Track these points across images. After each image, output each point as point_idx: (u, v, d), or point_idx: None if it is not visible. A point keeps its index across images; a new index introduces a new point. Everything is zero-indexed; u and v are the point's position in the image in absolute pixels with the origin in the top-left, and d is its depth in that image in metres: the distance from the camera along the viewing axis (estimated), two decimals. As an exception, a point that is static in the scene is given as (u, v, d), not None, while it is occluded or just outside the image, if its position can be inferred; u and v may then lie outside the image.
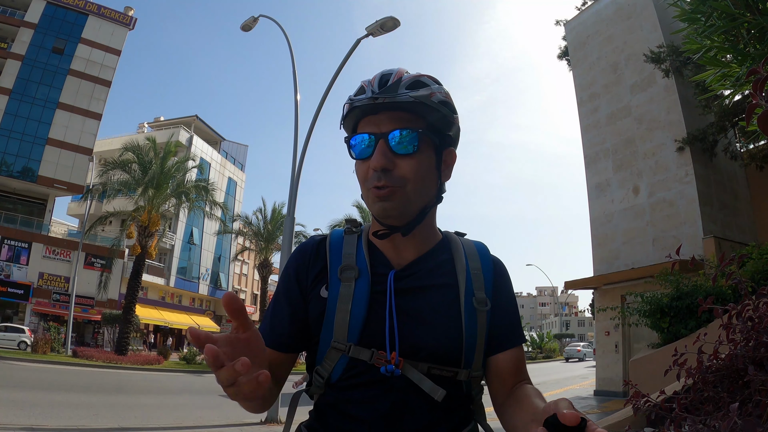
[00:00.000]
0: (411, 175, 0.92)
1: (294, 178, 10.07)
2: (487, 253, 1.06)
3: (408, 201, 0.93)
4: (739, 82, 3.89)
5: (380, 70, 0.99)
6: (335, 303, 0.93)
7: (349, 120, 0.97)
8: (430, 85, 0.95)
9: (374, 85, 0.93)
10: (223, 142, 45.85)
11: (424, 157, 0.94)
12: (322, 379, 0.94)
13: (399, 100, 0.90)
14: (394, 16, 9.53)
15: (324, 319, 0.94)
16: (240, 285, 45.77)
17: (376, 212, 0.94)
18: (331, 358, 0.93)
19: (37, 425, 6.39)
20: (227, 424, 7.81)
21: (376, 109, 0.92)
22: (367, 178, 0.93)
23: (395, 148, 0.92)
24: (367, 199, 0.95)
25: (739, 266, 1.92)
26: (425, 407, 0.90)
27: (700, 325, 5.96)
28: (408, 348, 0.91)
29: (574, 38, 16.45)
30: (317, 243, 1.03)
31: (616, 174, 14.27)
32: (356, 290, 0.93)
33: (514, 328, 1.02)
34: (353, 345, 0.91)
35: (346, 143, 1.00)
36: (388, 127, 0.92)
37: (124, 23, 33.52)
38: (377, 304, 0.93)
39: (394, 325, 0.91)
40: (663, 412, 1.68)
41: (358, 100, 0.93)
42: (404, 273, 0.97)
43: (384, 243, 0.99)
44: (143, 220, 21.23)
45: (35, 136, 29.36)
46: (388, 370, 0.89)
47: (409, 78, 0.94)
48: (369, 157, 0.93)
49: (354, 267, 0.96)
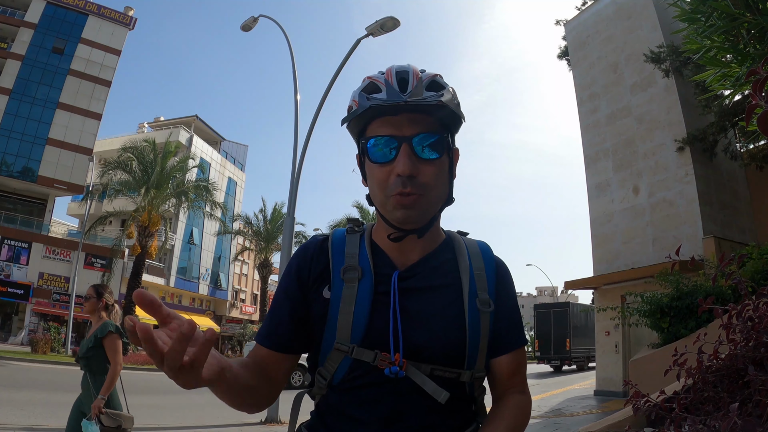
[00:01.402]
0: (434, 181, 0.91)
1: (294, 178, 10.06)
2: (490, 253, 1.04)
3: (429, 207, 0.92)
4: (739, 82, 3.89)
5: (382, 66, 0.97)
6: (338, 304, 0.92)
7: (359, 118, 0.92)
8: (446, 86, 0.93)
9: (393, 84, 0.89)
10: (223, 142, 45.84)
11: (443, 161, 0.93)
12: (324, 380, 0.94)
13: (425, 104, 0.87)
14: (394, 16, 9.53)
15: (326, 320, 0.93)
16: (240, 285, 45.75)
17: (397, 219, 0.91)
18: (334, 359, 0.92)
19: (37, 425, 6.38)
20: (227, 424, 7.80)
21: (396, 110, 0.88)
22: (389, 184, 0.90)
23: (420, 153, 0.89)
24: (384, 204, 0.92)
25: (739, 266, 1.92)
26: (427, 409, 0.90)
27: (700, 325, 5.95)
28: (411, 349, 0.90)
29: (574, 38, 16.44)
30: (319, 243, 1.01)
31: (616, 174, 14.26)
32: (359, 291, 0.92)
33: (516, 329, 1.01)
34: (356, 346, 0.90)
35: (359, 144, 0.96)
36: (411, 130, 0.89)
37: (124, 23, 33.52)
38: (380, 305, 0.92)
39: (398, 327, 0.90)
40: (663, 412, 1.68)
41: (378, 99, 0.88)
42: (408, 273, 0.95)
43: (389, 243, 0.97)
44: (143, 220, 21.25)
45: (35, 136, 29.36)
46: (392, 372, 0.88)
47: (427, 78, 0.91)
48: (390, 162, 0.90)
49: (357, 267, 0.94)
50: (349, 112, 0.93)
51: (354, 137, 0.98)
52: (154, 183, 21.09)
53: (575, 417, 8.75)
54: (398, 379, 0.89)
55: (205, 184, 22.98)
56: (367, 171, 0.95)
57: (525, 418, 0.98)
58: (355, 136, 0.98)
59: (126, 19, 33.63)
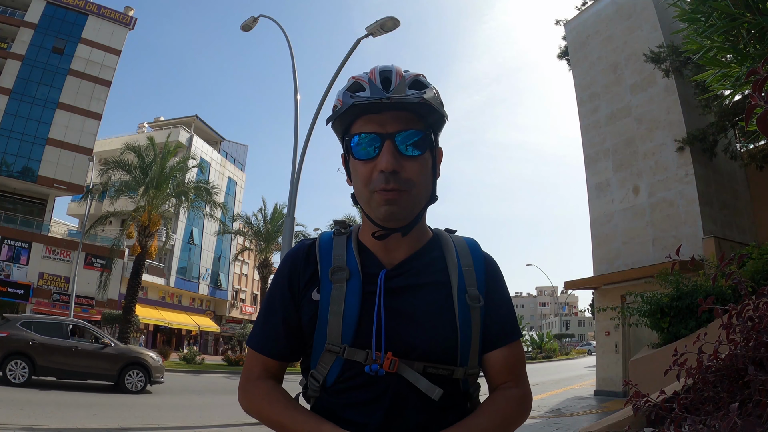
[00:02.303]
0: (417, 177, 0.91)
1: (294, 178, 10.07)
2: (478, 249, 1.05)
3: (413, 203, 0.92)
4: (739, 82, 3.89)
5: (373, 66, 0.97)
6: (327, 305, 0.93)
7: (344, 117, 0.93)
8: (429, 86, 0.94)
9: (377, 82, 0.91)
10: (223, 142, 45.86)
11: (426, 158, 0.94)
12: (317, 382, 0.94)
13: (408, 101, 0.88)
14: (394, 16, 9.54)
15: (317, 321, 0.94)
16: (240, 285, 45.76)
17: (381, 215, 0.91)
18: (326, 361, 0.92)
19: (37, 425, 6.38)
20: (227, 424, 7.80)
21: (379, 108, 0.89)
22: (371, 180, 0.91)
23: (402, 149, 0.90)
24: (369, 201, 0.92)
25: (739, 266, 1.92)
26: (422, 407, 0.90)
27: (700, 325, 5.96)
28: (402, 347, 0.90)
29: (574, 38, 16.45)
30: (307, 247, 1.02)
31: (616, 174, 14.26)
32: (348, 291, 0.93)
33: (508, 324, 1.01)
34: (348, 347, 0.90)
35: (343, 142, 0.97)
36: (393, 127, 0.90)
37: (124, 23, 33.52)
38: (370, 304, 0.92)
39: (381, 325, 0.90)
40: (663, 412, 1.68)
41: (362, 97, 0.89)
42: (395, 272, 0.96)
43: (375, 243, 0.97)
44: (143, 220, 21.23)
45: (35, 136, 29.36)
46: (372, 370, 0.88)
47: (410, 77, 0.93)
48: (373, 158, 0.91)
49: (344, 268, 0.95)
50: (333, 111, 0.94)
51: (338, 136, 0.99)
52: (154, 183, 21.08)
53: (575, 417, 8.75)
54: (391, 378, 0.89)
55: (206, 186, 22.96)
56: (351, 169, 0.96)
57: (516, 410, 0.96)
58: (340, 135, 0.98)
59: (126, 19, 33.63)
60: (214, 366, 22.35)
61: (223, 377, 18.22)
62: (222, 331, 39.88)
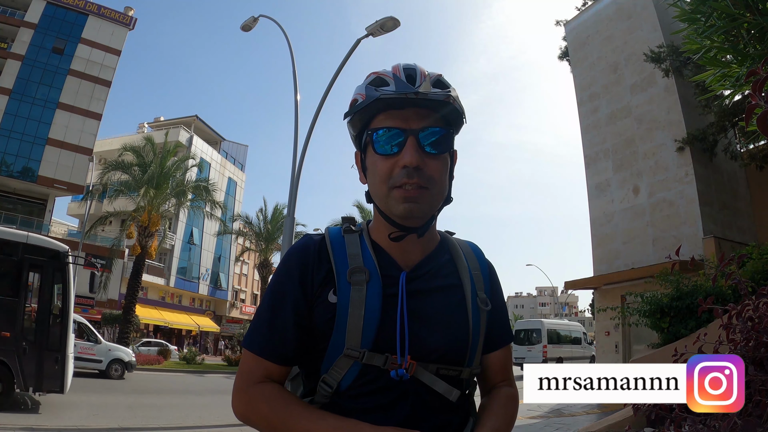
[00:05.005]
0: (438, 175, 0.91)
1: (294, 178, 10.06)
2: (482, 254, 1.07)
3: (432, 203, 0.92)
4: (739, 82, 3.89)
5: (382, 66, 0.97)
6: (347, 308, 0.88)
7: (364, 112, 0.91)
8: (450, 86, 0.94)
9: (402, 78, 0.90)
10: (223, 142, 45.85)
11: (446, 158, 0.93)
12: (330, 388, 0.89)
13: (434, 98, 0.88)
14: (394, 16, 9.54)
15: (334, 325, 0.89)
16: (240, 285, 45.77)
17: (400, 213, 0.89)
18: (342, 365, 0.88)
19: (37, 425, 6.38)
20: (227, 424, 7.79)
21: (402, 104, 0.88)
22: (391, 176, 0.89)
23: (426, 146, 0.89)
24: (386, 198, 0.90)
25: (739, 266, 1.92)
26: (437, 409, 0.90)
27: (700, 325, 5.95)
28: (422, 351, 0.89)
29: (574, 38, 16.45)
30: (317, 243, 0.96)
31: (616, 174, 14.27)
32: (368, 294, 0.89)
33: (506, 327, 1.05)
34: (367, 351, 0.87)
35: (360, 138, 0.95)
36: (417, 123, 0.89)
37: (124, 23, 33.52)
38: (391, 307, 0.90)
39: (405, 329, 0.88)
40: (663, 412, 1.68)
41: (388, 91, 0.88)
42: (414, 274, 0.94)
43: (390, 243, 0.95)
44: (143, 220, 21.23)
45: (35, 136, 29.35)
46: (398, 375, 0.87)
47: (433, 76, 0.93)
48: (394, 154, 0.89)
49: (364, 270, 0.91)
50: (353, 106, 0.92)
51: (355, 132, 0.97)
52: (154, 183, 21.08)
53: (575, 417, 8.74)
54: (405, 381, 0.88)
55: (205, 185, 22.97)
56: (368, 165, 0.94)
57: (516, 408, 1.01)
58: (358, 131, 0.96)
59: (126, 19, 33.62)
60: (214, 366, 22.36)
61: (223, 377, 18.22)
62: (222, 331, 39.88)
